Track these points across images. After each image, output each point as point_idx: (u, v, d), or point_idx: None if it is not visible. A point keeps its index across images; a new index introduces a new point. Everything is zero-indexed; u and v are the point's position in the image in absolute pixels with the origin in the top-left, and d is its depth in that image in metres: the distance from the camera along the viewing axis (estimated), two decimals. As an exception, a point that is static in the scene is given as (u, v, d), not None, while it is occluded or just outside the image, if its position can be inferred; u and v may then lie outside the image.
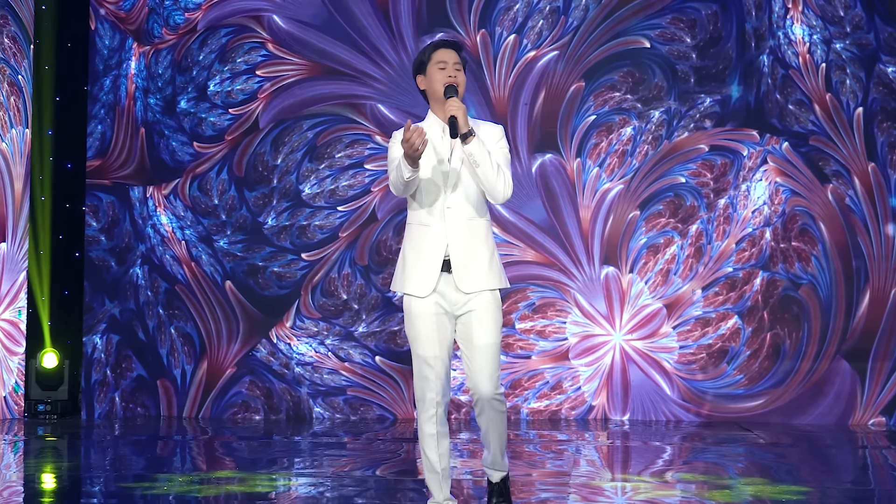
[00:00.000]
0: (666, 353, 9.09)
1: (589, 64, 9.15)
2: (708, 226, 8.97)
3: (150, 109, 9.54)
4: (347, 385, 9.28)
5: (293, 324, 9.31)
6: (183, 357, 9.38)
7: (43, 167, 9.35)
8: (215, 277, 9.39)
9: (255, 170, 9.46)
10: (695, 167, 9.00)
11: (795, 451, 7.43)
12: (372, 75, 9.40)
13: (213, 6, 9.53)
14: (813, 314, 8.93)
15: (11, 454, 7.48)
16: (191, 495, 5.71)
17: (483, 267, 4.50)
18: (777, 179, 8.79)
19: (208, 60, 9.54)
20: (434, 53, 4.57)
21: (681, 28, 9.03)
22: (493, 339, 4.49)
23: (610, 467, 6.87)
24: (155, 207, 9.48)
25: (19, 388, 9.16)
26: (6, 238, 9.05)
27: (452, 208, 4.51)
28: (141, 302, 9.41)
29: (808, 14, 8.30)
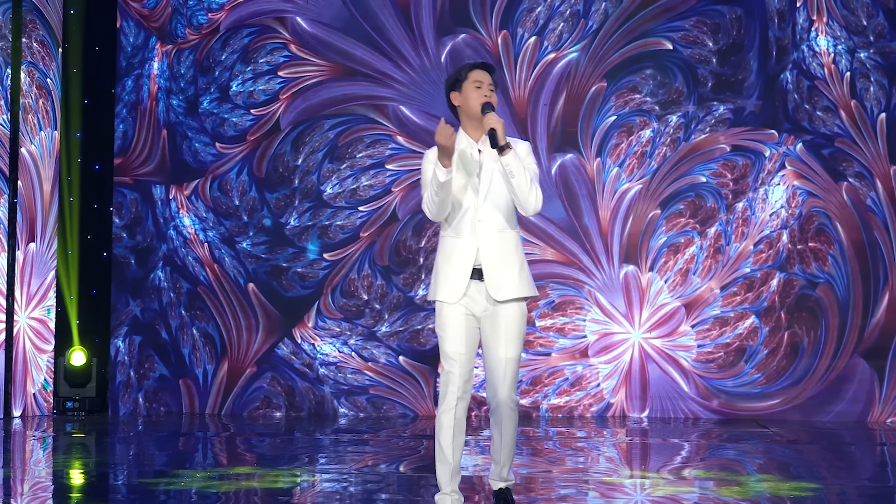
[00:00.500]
0: (684, 351, 9.07)
1: (611, 64, 9.13)
2: (727, 227, 8.95)
3: (172, 110, 9.57)
4: (370, 384, 9.30)
5: (316, 324, 9.34)
6: (205, 357, 9.42)
7: (71, 168, 9.42)
8: (238, 280, 9.42)
9: (276, 171, 9.48)
10: (716, 167, 8.98)
11: (813, 448, 7.40)
12: (393, 76, 9.41)
13: (235, 7, 9.56)
14: (830, 312, 8.90)
15: (40, 450, 7.53)
16: (213, 491, 5.73)
17: (514, 277, 4.63)
18: (794, 183, 8.76)
19: (230, 61, 9.56)
20: (471, 73, 4.72)
21: (704, 31, 9.00)
22: (516, 352, 4.64)
23: (629, 464, 6.86)
24: (178, 209, 9.51)
25: (48, 386, 9.23)
26: (35, 238, 9.11)
27: (483, 221, 4.64)
28: (164, 303, 9.46)
29: (832, 25, 8.37)
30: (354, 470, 6.40)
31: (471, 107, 4.69)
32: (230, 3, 9.56)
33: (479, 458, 6.82)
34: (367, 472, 6.34)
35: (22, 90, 9.02)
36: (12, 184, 8.93)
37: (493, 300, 4.62)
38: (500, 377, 4.62)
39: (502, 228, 4.66)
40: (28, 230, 9.05)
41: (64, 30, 9.38)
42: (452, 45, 9.35)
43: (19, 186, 8.96)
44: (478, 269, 4.63)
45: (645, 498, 5.62)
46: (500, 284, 4.61)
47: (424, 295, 9.23)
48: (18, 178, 8.96)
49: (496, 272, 4.62)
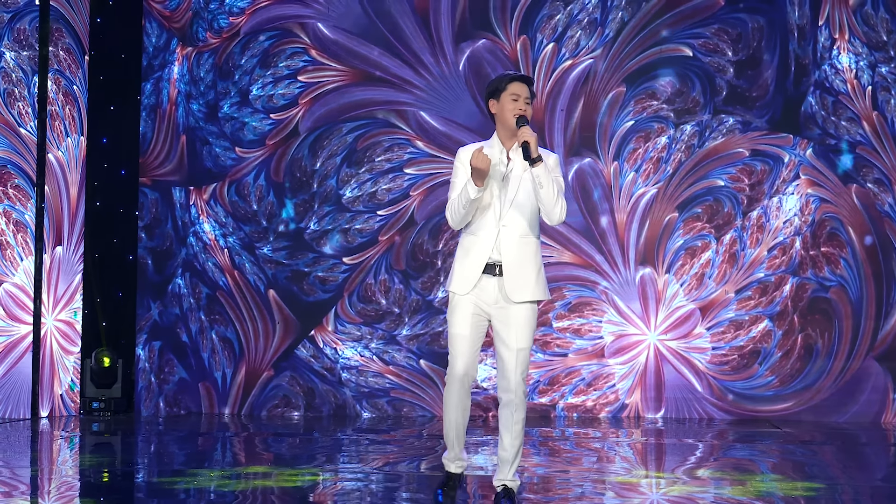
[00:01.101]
0: (699, 353, 9.06)
1: (630, 69, 9.13)
2: (742, 233, 8.95)
3: (192, 115, 9.61)
4: (391, 387, 9.32)
5: (336, 328, 9.36)
6: (224, 360, 9.45)
7: (98, 173, 9.48)
8: (258, 286, 9.45)
9: (294, 175, 9.51)
10: (734, 171, 8.98)
11: (827, 449, 7.38)
12: (412, 82, 9.43)
13: (256, 11, 9.57)
14: (844, 315, 8.88)
15: (67, 449, 7.58)
16: (232, 489, 5.77)
17: (531, 281, 4.86)
18: (808, 191, 8.76)
19: (250, 65, 9.59)
20: (510, 84, 4.91)
21: (724, 40, 8.99)
22: (527, 343, 4.87)
23: (644, 464, 6.86)
24: (198, 215, 9.55)
25: (75, 386, 9.29)
26: (62, 242, 9.17)
27: (508, 226, 4.86)
28: (184, 308, 9.50)
29: (854, 42, 8.45)
30: (373, 469, 6.42)
31: (506, 118, 4.89)
32: (251, 7, 9.60)
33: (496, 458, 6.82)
34: (386, 470, 6.36)
35: (49, 97, 9.08)
36: (39, 189, 9.00)
37: (509, 299, 4.84)
38: (512, 366, 4.84)
39: (524, 234, 4.87)
40: (55, 234, 9.12)
41: (90, 37, 9.45)
42: (471, 50, 9.36)
43: (46, 191, 9.03)
44: (491, 265, 4.85)
45: (661, 497, 5.62)
46: (517, 287, 4.84)
47: (443, 297, 9.25)
48: (45, 183, 9.03)
49: (515, 274, 4.84)
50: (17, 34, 8.90)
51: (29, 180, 8.94)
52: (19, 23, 8.91)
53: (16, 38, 8.90)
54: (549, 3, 9.25)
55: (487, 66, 9.30)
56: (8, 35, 8.88)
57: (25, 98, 8.94)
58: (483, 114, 9.23)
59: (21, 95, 8.93)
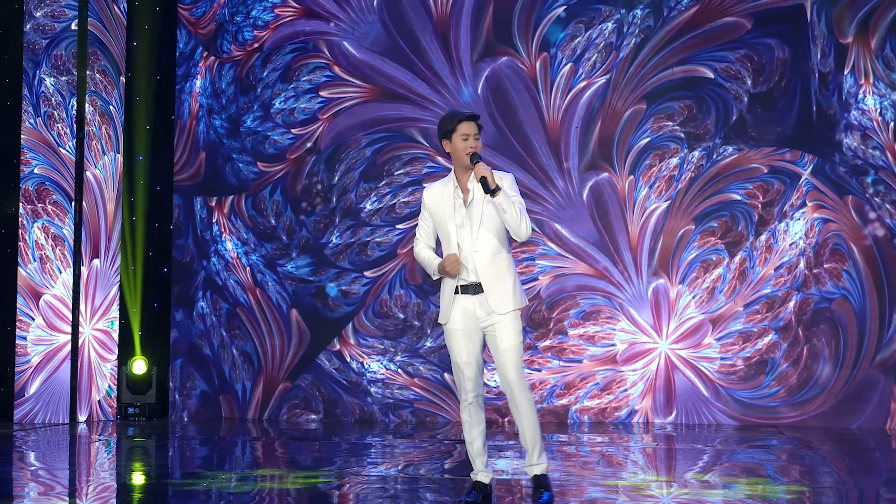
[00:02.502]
0: (708, 362, 9.08)
1: (650, 87, 9.15)
2: (752, 252, 9.00)
3: (214, 131, 9.60)
4: (415, 398, 9.35)
5: (358, 342, 9.37)
6: (243, 373, 9.49)
7: (135, 190, 9.58)
8: (281, 304, 9.48)
9: (314, 189, 9.50)
10: (751, 187, 9.00)
11: (833, 454, 7.36)
12: (430, 99, 9.44)
13: (280, 26, 9.58)
14: (848, 324, 8.88)
15: (104, 453, 7.65)
16: (262, 489, 5.81)
17: (509, 293, 5.20)
18: (814, 216, 8.83)
19: (272, 78, 9.59)
20: (459, 126, 5.21)
21: (747, 68, 9.02)
22: (514, 341, 5.18)
23: (655, 468, 6.87)
24: (220, 233, 9.59)
25: (112, 392, 9.38)
26: (99, 255, 9.27)
27: (479, 250, 5.19)
28: (207, 325, 9.55)
29: (878, 85, 8.68)
30: (397, 470, 6.46)
31: (460, 156, 5.21)
32: (275, 22, 9.63)
33: (516, 463, 6.85)
34: (409, 471, 6.39)
35: (86, 118, 9.20)
36: (77, 205, 9.10)
37: (493, 313, 5.17)
38: (505, 362, 5.16)
39: (495, 253, 5.20)
40: (92, 248, 9.22)
41: (127, 61, 9.55)
42: (490, 69, 9.37)
43: (84, 207, 9.13)
44: (472, 286, 5.18)
45: (671, 500, 5.63)
46: (499, 301, 5.18)
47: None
48: (83, 199, 9.14)
49: (495, 290, 5.18)
50: (55, 60, 9.02)
51: (66, 196, 9.04)
52: (56, 49, 9.02)
53: (53, 64, 9.02)
54: (573, 24, 9.27)
55: (507, 81, 9.32)
56: (46, 62, 9.00)
57: (64, 120, 9.06)
58: (498, 130, 9.29)
59: (60, 118, 9.04)
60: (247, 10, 9.61)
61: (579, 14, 9.25)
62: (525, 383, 5.19)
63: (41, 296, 8.94)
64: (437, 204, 5.25)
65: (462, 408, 5.24)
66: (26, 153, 8.95)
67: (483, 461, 5.26)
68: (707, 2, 9.11)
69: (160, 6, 9.69)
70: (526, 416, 5.15)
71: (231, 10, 9.63)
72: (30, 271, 8.91)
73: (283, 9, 9.60)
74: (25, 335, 8.88)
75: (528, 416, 5.15)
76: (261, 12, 9.62)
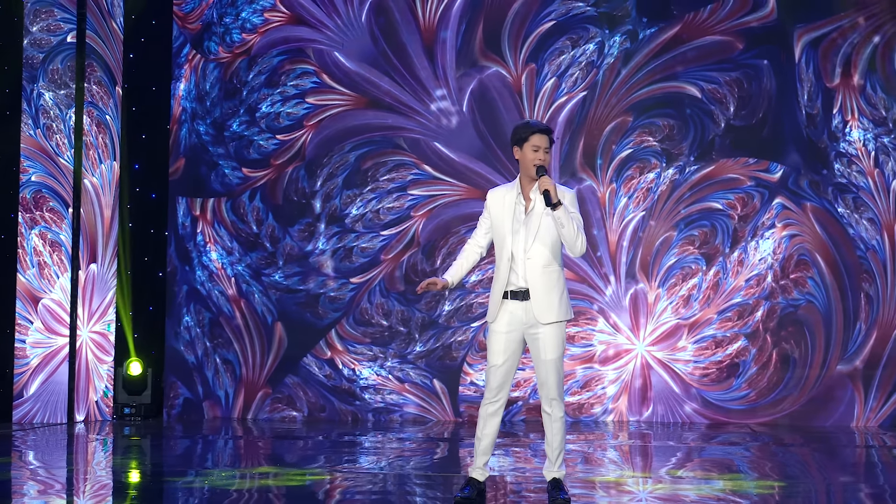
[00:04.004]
0: (683, 364, 9.16)
1: (634, 100, 9.22)
2: (727, 263, 9.10)
3: (198, 137, 9.51)
4: (404, 402, 9.37)
5: (347, 348, 9.38)
6: (226, 380, 9.47)
7: (130, 197, 9.59)
8: (266, 317, 9.45)
9: (295, 196, 9.43)
10: (732, 198, 9.11)
11: (803, 451, 7.43)
12: (416, 109, 9.45)
13: (268, 31, 9.48)
14: (815, 328, 9.02)
15: (101, 452, 7.66)
16: (249, 487, 5.83)
17: (555, 304, 5.20)
18: (782, 234, 9.00)
19: (257, 82, 9.52)
20: (532, 136, 5.22)
21: (734, 93, 9.13)
22: (556, 355, 5.20)
23: (632, 465, 6.92)
24: (205, 243, 9.56)
25: (109, 393, 9.38)
26: (96, 260, 9.28)
27: (532, 258, 5.19)
28: (192, 336, 9.53)
29: (862, 120, 9.01)
30: (381, 464, 6.48)
31: (528, 166, 5.22)
32: (264, 27, 9.56)
33: (506, 461, 6.87)
34: (397, 466, 6.42)
35: (84, 129, 9.20)
36: (76, 211, 9.11)
37: (538, 322, 5.16)
38: (546, 373, 5.19)
39: (547, 264, 5.19)
40: (89, 253, 9.22)
41: (124, 73, 9.57)
42: (477, 80, 9.36)
43: (82, 214, 9.14)
44: (521, 292, 5.18)
45: (648, 496, 5.69)
46: (545, 310, 5.17)
47: (450, 311, 9.35)
48: (81, 206, 9.15)
49: (542, 299, 5.17)
50: (52, 74, 9.01)
51: (63, 203, 9.04)
52: (52, 63, 9.01)
53: (51, 78, 9.01)
54: (562, 40, 9.32)
55: (494, 91, 9.36)
56: (42, 76, 9.00)
57: (62, 131, 9.07)
58: (482, 139, 9.33)
59: (58, 129, 9.05)
60: (236, 12, 9.54)
61: (569, 30, 9.31)
62: (562, 395, 5.24)
63: (39, 300, 8.94)
64: (499, 207, 5.24)
65: (483, 404, 5.27)
66: (24, 161, 8.96)
67: (484, 460, 5.30)
68: (692, 20, 9.19)
69: (156, 19, 9.70)
70: (557, 425, 5.22)
71: (220, 11, 9.56)
72: (28, 277, 8.91)
73: (272, 13, 9.55)
74: (24, 338, 8.88)
75: (559, 426, 5.22)
76: (250, 14, 9.54)
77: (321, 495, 5.71)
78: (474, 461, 5.33)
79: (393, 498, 5.58)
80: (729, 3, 9.19)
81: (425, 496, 5.69)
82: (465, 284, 9.34)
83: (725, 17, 9.20)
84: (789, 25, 9.15)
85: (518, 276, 5.18)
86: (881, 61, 9.10)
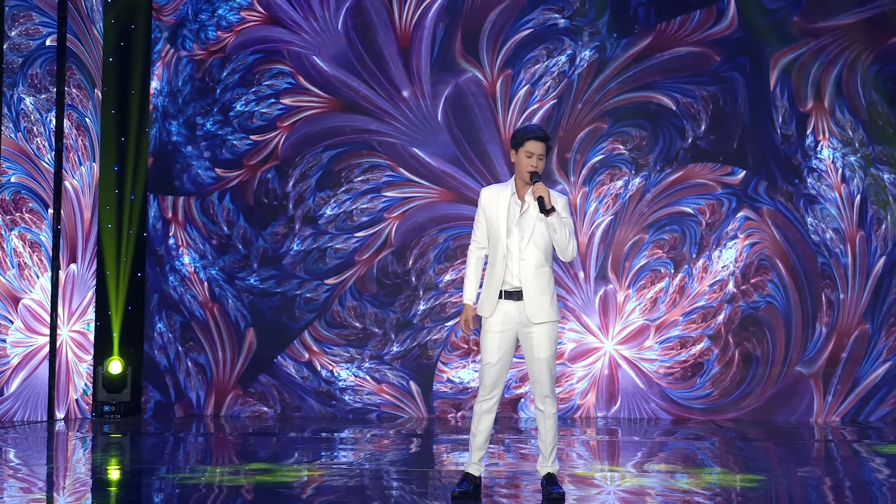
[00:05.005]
0: (649, 363, 9.25)
1: (608, 108, 9.29)
2: (692, 269, 9.21)
3: (169, 136, 9.45)
4: (381, 402, 9.38)
5: (325, 350, 9.37)
6: (198, 382, 9.42)
7: (110, 199, 9.55)
8: (239, 322, 9.39)
9: (268, 197, 9.39)
10: (703, 203, 9.20)
11: (766, 445, 7.51)
12: (391, 113, 9.47)
13: (244, 30, 9.42)
14: (776, 327, 9.15)
15: (81, 449, 7.63)
16: (238, 484, 5.83)
17: (547, 304, 5.26)
18: (743, 243, 9.18)
19: (231, 80, 9.45)
20: (527, 142, 5.25)
21: (707, 110, 9.23)
22: (548, 353, 5.26)
23: (599, 459, 6.97)
24: (178, 246, 9.51)
25: (88, 391, 9.34)
26: (76, 260, 9.24)
27: (526, 259, 5.24)
28: (164, 340, 9.48)
29: (832, 141, 9.23)
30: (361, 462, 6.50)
31: (522, 171, 5.27)
32: (239, 26, 9.46)
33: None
34: (375, 461, 6.44)
35: (64, 132, 9.16)
36: (56, 212, 9.08)
37: (530, 321, 5.21)
38: (539, 371, 5.26)
39: (540, 265, 5.25)
40: (69, 253, 9.19)
41: (103, 76, 9.53)
42: (453, 85, 9.37)
43: (62, 215, 9.10)
44: (514, 292, 5.22)
45: (616, 489, 5.74)
46: (537, 310, 5.23)
47: (424, 311, 9.37)
48: (62, 207, 9.11)
49: (534, 300, 5.22)
50: (31, 79, 8.95)
51: (42, 204, 9.00)
52: (31, 68, 8.95)
53: (30, 83, 8.95)
54: (538, 49, 9.34)
55: (471, 97, 9.39)
56: (22, 81, 8.94)
57: (42, 134, 9.02)
58: (456, 144, 9.37)
59: (39, 132, 9.01)
60: (212, 9, 9.47)
61: (545, 40, 9.36)
62: (554, 392, 5.29)
63: (20, 300, 8.90)
64: (494, 206, 5.28)
65: (477, 401, 5.31)
66: (3, 164, 8.91)
67: (479, 456, 5.34)
68: (665, 30, 9.28)
69: (135, 23, 9.68)
70: (550, 422, 5.28)
71: (195, 9, 9.49)
72: (8, 278, 8.86)
73: (249, 12, 9.49)
74: (5, 337, 8.83)
75: (552, 422, 5.28)
76: (227, 12, 9.48)
77: (300, 489, 5.72)
78: (470, 457, 5.37)
79: (370, 492, 5.61)
80: (696, 16, 9.28)
81: (402, 490, 5.72)
82: (439, 285, 9.38)
83: (695, 28, 9.28)
84: (754, 42, 9.25)
85: (513, 275, 5.23)
86: (846, 86, 9.26)
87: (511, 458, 6.88)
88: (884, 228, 9.16)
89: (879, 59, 9.19)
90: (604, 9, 9.33)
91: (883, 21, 9.23)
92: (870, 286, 9.15)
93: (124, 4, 9.65)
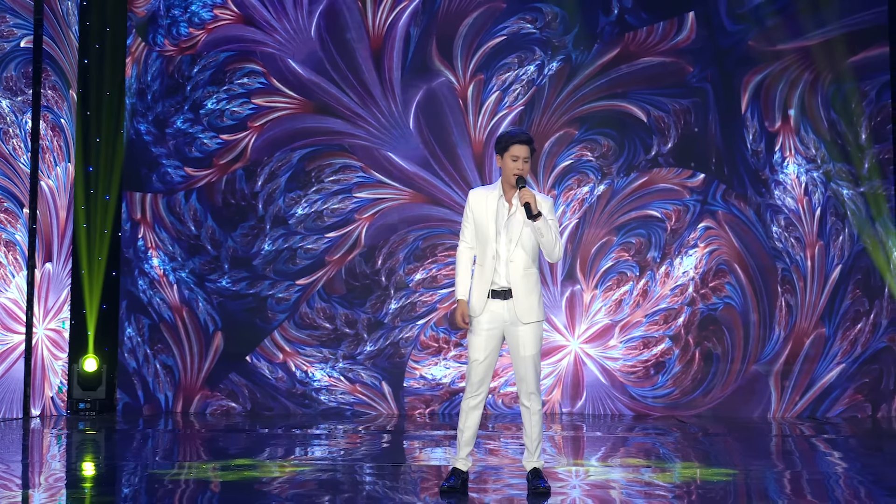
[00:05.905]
0: (613, 361, 9.34)
1: (582, 113, 9.36)
2: (655, 274, 9.33)
3: (139, 136, 9.41)
4: (355, 402, 9.39)
5: (301, 351, 9.37)
6: (166, 384, 9.39)
7: (85, 199, 9.51)
8: (208, 325, 9.34)
9: (235, 197, 9.35)
10: (671, 209, 9.29)
11: (726, 440, 7.60)
12: (362, 115, 9.47)
13: (216, 28, 9.34)
14: (735, 327, 9.27)
15: (56, 446, 7.60)
16: (218, 480, 5.84)
17: (534, 305, 5.32)
18: (703, 251, 9.30)
19: (201, 78, 9.40)
20: (512, 146, 5.29)
21: (678, 123, 9.33)
22: (533, 352, 5.32)
23: (565, 454, 7.03)
24: (146, 249, 9.46)
25: (63, 388, 9.30)
26: (52, 259, 9.19)
27: (514, 261, 5.28)
28: (133, 343, 9.43)
29: (797, 157, 9.39)
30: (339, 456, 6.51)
31: (507, 175, 5.31)
32: (212, 24, 9.39)
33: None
34: (349, 456, 6.46)
35: (40, 134, 9.11)
36: (31, 212, 9.02)
37: (518, 320, 5.26)
38: (525, 369, 5.31)
39: (527, 267, 5.30)
40: (45, 252, 9.14)
41: (79, 78, 9.49)
42: (424, 89, 9.41)
43: (38, 214, 9.05)
44: (503, 291, 5.27)
45: (581, 483, 5.79)
46: (525, 310, 5.28)
47: (396, 310, 9.39)
48: (37, 207, 9.05)
49: (522, 300, 5.27)
50: (6, 82, 8.87)
51: (18, 204, 8.95)
52: (5, 70, 8.86)
53: (6, 85, 8.87)
54: (512, 56, 9.37)
55: (444, 101, 9.42)
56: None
57: (18, 136, 8.96)
58: (427, 146, 9.41)
59: (15, 133, 8.95)
60: (185, 6, 9.41)
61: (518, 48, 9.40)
62: (539, 389, 5.34)
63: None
64: (482, 207, 5.31)
65: (465, 398, 5.35)
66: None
67: (467, 451, 5.38)
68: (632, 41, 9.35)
69: (111, 26, 9.64)
70: (535, 418, 5.33)
71: (167, 4, 9.42)
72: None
73: (222, 10, 9.42)
74: (-20, 335, 8.78)
75: (537, 419, 5.33)
76: (200, 8, 9.39)
77: (274, 484, 5.74)
78: (457, 452, 5.40)
79: (344, 486, 5.63)
80: (660, 28, 9.37)
81: (374, 484, 5.74)
82: (409, 284, 9.40)
83: (659, 40, 9.36)
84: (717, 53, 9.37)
85: (501, 275, 5.27)
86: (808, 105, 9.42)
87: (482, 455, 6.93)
88: (841, 240, 9.34)
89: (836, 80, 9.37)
90: (574, 23, 9.39)
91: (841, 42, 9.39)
92: (826, 292, 9.31)
93: (100, 8, 9.61)
